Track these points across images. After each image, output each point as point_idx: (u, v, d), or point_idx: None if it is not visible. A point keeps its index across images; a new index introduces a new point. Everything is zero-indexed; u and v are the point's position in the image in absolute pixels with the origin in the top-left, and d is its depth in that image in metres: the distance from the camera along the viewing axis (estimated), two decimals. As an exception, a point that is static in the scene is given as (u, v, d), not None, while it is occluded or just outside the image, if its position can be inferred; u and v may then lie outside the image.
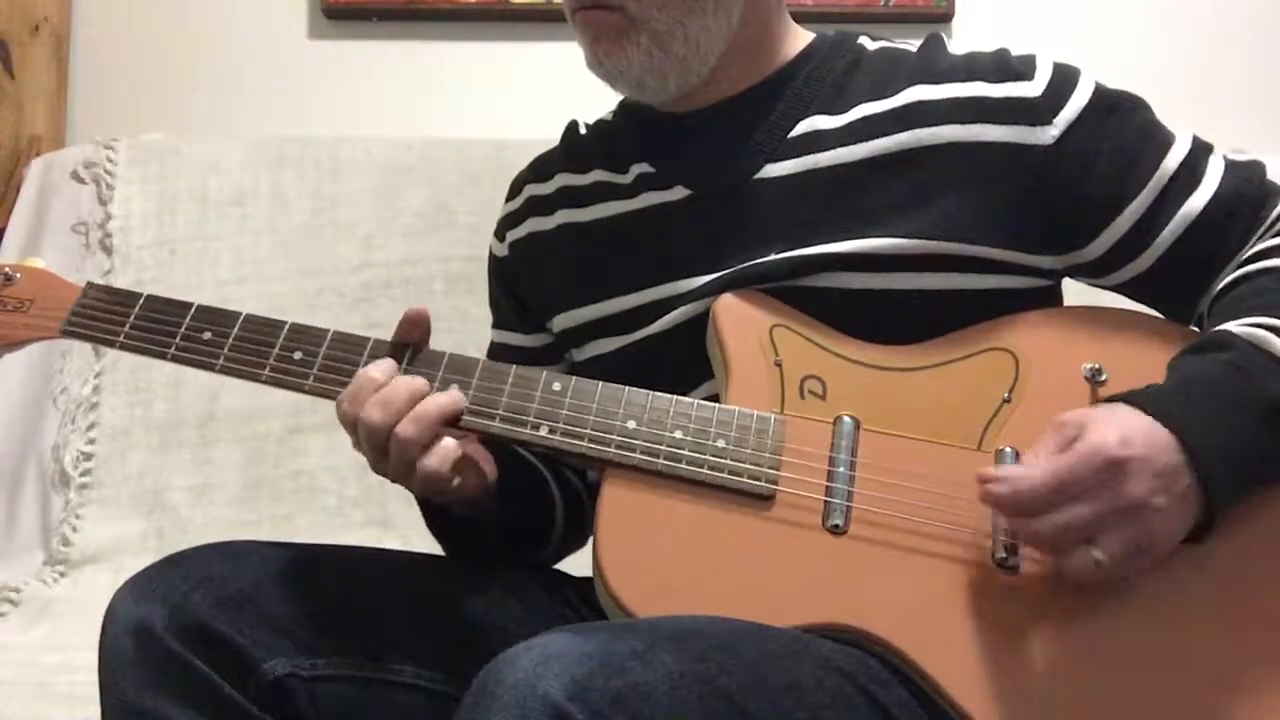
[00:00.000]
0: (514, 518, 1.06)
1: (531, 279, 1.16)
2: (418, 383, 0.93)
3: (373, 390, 0.92)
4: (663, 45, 1.02)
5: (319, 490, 1.78)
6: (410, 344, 0.98)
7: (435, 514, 1.04)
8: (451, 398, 0.94)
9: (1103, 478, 0.82)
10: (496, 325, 1.24)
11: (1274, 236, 0.97)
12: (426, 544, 1.07)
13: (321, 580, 0.96)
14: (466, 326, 1.80)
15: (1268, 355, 0.87)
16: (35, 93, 2.09)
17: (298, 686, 0.91)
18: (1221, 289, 0.97)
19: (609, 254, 1.09)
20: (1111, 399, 0.88)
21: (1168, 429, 0.83)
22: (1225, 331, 0.89)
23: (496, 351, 1.21)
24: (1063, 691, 0.84)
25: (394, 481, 0.95)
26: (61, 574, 1.70)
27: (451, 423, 0.93)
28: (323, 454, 1.79)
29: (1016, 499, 0.83)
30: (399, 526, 1.75)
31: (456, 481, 0.94)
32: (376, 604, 0.97)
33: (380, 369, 0.94)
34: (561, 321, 1.12)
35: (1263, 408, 0.85)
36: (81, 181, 1.93)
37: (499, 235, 1.21)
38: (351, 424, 0.93)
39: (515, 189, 1.20)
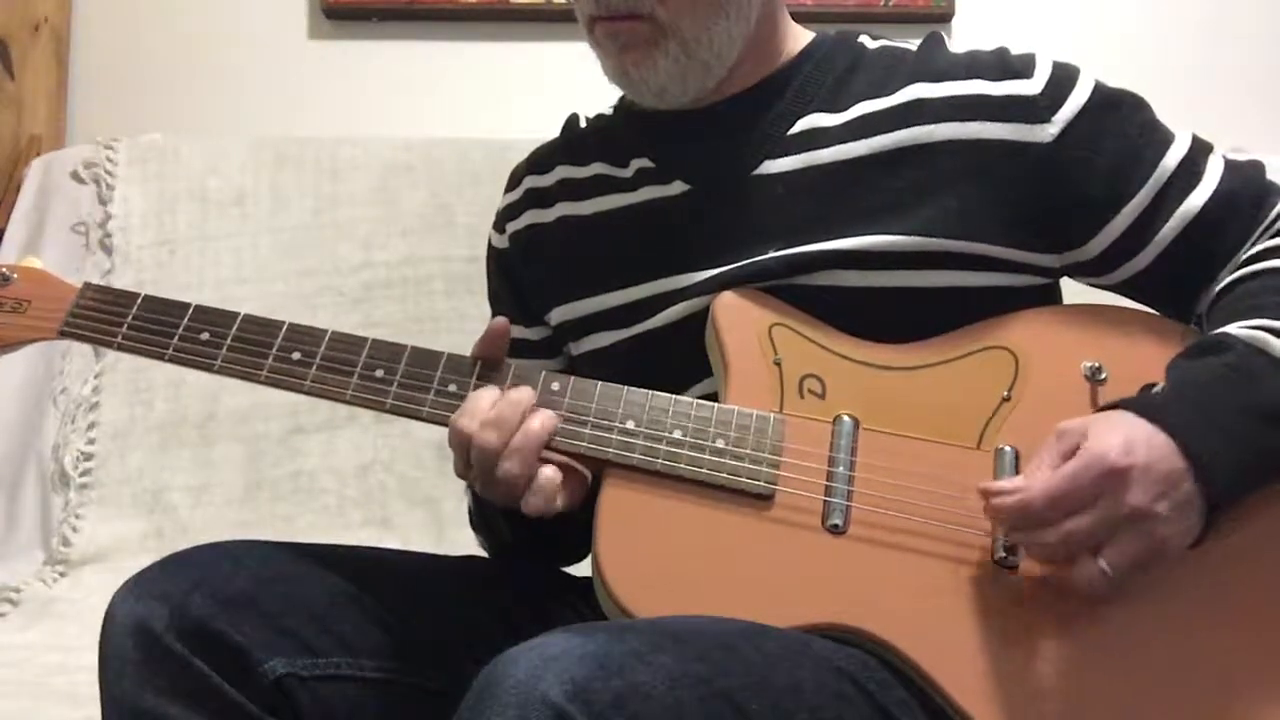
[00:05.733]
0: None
1: (530, 271, 1.16)
2: (525, 401, 0.92)
3: (487, 408, 0.92)
4: (689, 52, 1.02)
5: (319, 490, 1.78)
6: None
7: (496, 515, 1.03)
8: (544, 424, 0.92)
9: (1105, 487, 0.81)
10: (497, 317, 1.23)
11: (1273, 237, 0.97)
12: (427, 544, 1.07)
13: (321, 580, 0.96)
14: (466, 326, 1.80)
15: (1266, 357, 0.87)
16: (35, 93, 2.09)
17: (298, 686, 0.90)
18: (1220, 290, 0.97)
19: (608, 248, 1.09)
20: (1111, 405, 0.88)
21: (1168, 435, 0.83)
22: (1224, 334, 0.89)
23: None
24: (1063, 691, 0.84)
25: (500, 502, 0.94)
26: (61, 574, 1.70)
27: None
28: (323, 454, 1.79)
29: (1019, 511, 0.83)
30: (399, 526, 1.75)
31: (558, 505, 0.93)
32: (377, 604, 0.96)
33: (490, 390, 0.93)
34: (560, 314, 1.12)
35: (1262, 409, 0.85)
36: (81, 181, 1.93)
37: (498, 227, 1.20)
38: (465, 442, 0.92)
39: (514, 180, 1.20)
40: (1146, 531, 0.82)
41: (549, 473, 0.91)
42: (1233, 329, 0.89)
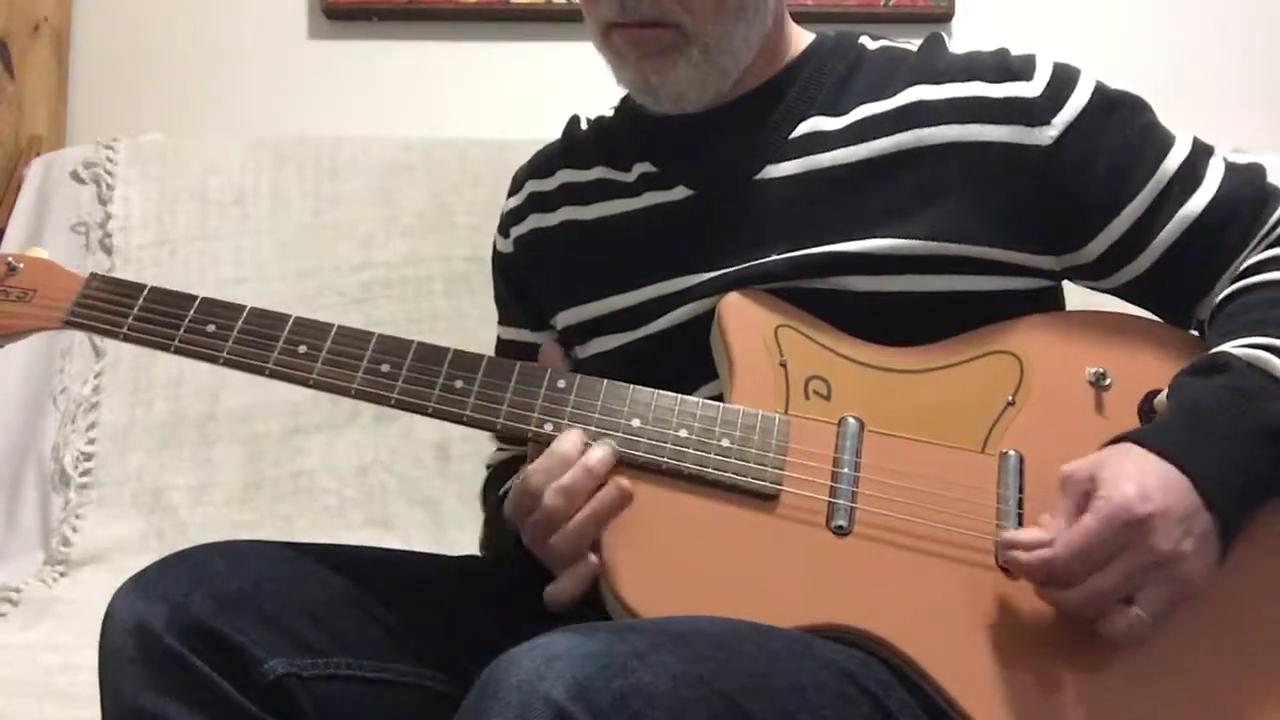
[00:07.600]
0: None
1: (535, 275, 1.16)
2: (601, 471, 0.91)
3: (564, 469, 0.91)
4: (711, 58, 1.02)
5: (319, 490, 1.77)
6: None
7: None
8: (619, 499, 0.90)
9: (1130, 537, 0.81)
10: (503, 322, 1.24)
11: (1273, 245, 0.96)
12: (427, 544, 1.07)
13: (322, 580, 0.96)
14: (466, 326, 1.80)
15: (1267, 377, 0.87)
16: (35, 93, 2.08)
17: (298, 686, 0.90)
18: (1221, 300, 0.96)
19: (611, 252, 1.09)
20: (1117, 439, 0.87)
21: (1178, 468, 0.83)
22: (1224, 353, 0.88)
23: (503, 348, 1.22)
24: (1065, 693, 0.84)
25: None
26: (61, 574, 1.69)
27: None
28: (323, 454, 1.79)
29: (1045, 570, 0.82)
30: (399, 526, 1.74)
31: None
32: (377, 604, 0.96)
33: (571, 442, 0.92)
34: (565, 318, 1.12)
35: (1263, 429, 0.85)
36: (81, 181, 1.92)
37: (503, 231, 1.21)
38: (535, 496, 0.92)
39: (517, 184, 1.20)
40: (1175, 573, 0.82)
41: (582, 573, 0.90)
42: (1231, 347, 0.89)
